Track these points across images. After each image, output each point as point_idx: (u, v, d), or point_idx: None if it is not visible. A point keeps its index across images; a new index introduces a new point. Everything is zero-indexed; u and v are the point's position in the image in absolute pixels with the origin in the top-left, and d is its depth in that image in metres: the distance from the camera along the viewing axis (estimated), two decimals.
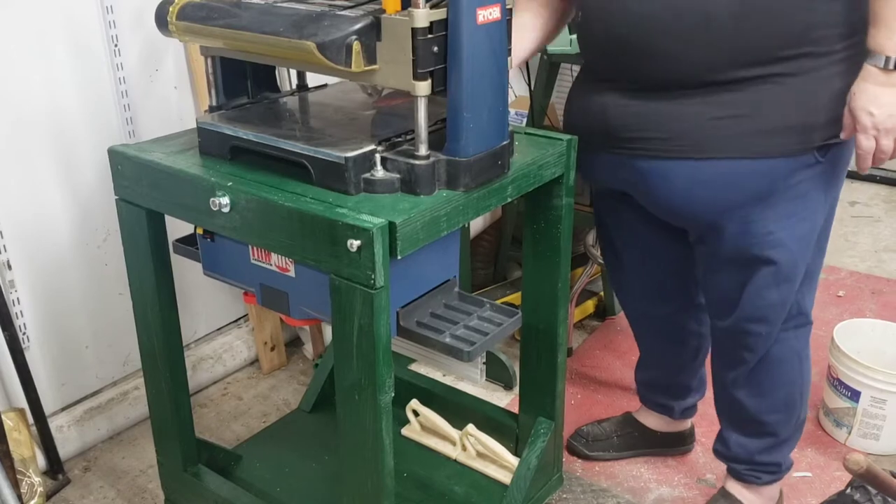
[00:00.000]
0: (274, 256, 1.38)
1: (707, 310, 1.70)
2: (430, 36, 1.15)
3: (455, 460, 1.84)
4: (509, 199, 1.38)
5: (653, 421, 2.01)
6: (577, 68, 2.77)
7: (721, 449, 1.80)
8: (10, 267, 1.86)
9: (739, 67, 1.35)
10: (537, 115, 2.67)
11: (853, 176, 3.43)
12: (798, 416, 1.71)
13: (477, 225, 2.87)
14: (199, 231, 1.48)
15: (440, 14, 1.16)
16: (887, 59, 1.30)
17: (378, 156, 1.26)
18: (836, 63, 1.37)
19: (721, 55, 1.35)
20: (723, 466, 1.85)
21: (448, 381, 2.17)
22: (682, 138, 1.42)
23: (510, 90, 1.58)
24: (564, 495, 1.90)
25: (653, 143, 1.45)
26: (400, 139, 1.31)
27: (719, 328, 1.66)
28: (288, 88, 1.66)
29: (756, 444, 1.73)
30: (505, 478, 1.75)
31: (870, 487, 1.29)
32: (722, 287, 1.60)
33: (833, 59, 1.37)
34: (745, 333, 1.60)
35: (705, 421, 2.08)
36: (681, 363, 1.90)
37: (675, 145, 1.43)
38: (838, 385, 2.04)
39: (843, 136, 1.40)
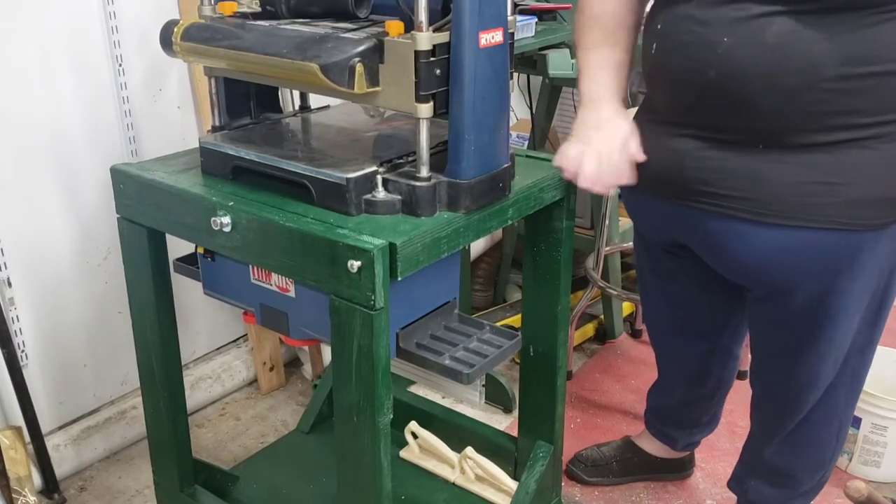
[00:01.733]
0: (274, 276, 1.38)
1: (753, 366, 1.63)
2: (432, 59, 1.16)
3: (453, 483, 1.83)
4: (510, 222, 1.38)
5: (653, 447, 2.00)
6: (577, 92, 2.81)
7: (736, 489, 1.77)
8: (9, 284, 1.86)
9: (840, 129, 1.24)
10: (539, 138, 2.69)
11: None
12: (825, 473, 1.67)
13: (477, 247, 2.87)
14: (200, 250, 1.49)
15: (443, 37, 1.16)
16: None
17: (379, 177, 1.26)
18: None
19: (823, 115, 1.23)
20: (725, 492, 1.83)
21: (447, 403, 2.16)
22: (769, 202, 1.30)
23: (512, 113, 1.58)
24: None
25: (735, 202, 1.34)
26: (401, 161, 1.31)
27: (765, 386, 1.62)
28: (290, 109, 1.67)
29: (775, 494, 1.70)
30: (503, 502, 1.74)
31: None
32: (777, 349, 1.53)
33: None
34: (792, 399, 1.55)
35: (705, 447, 2.07)
36: (696, 399, 1.87)
37: (759, 207, 1.32)
38: None
39: None
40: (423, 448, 1.90)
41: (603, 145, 1.38)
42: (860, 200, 1.28)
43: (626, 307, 2.73)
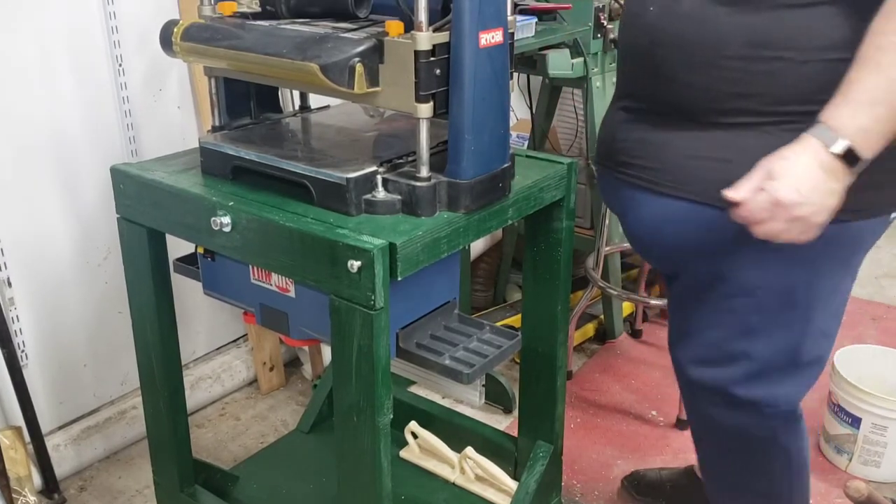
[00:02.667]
0: (274, 276, 1.38)
1: None
2: (432, 59, 1.16)
3: (453, 483, 1.83)
4: (510, 222, 1.38)
5: None
6: (577, 92, 2.81)
7: None
8: (10, 284, 1.86)
9: (742, 112, 1.25)
10: (538, 138, 2.69)
11: None
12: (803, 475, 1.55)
13: (477, 247, 2.87)
14: (200, 250, 1.49)
15: (443, 37, 1.16)
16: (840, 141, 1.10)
17: (379, 177, 1.26)
18: None
19: (727, 94, 1.24)
20: None
21: (447, 403, 2.16)
22: (664, 171, 1.33)
23: (512, 113, 1.58)
24: None
25: (642, 171, 1.37)
26: (401, 161, 1.31)
27: None
28: (290, 109, 1.67)
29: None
30: (503, 502, 1.74)
31: None
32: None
33: None
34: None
35: None
36: None
37: (656, 176, 1.34)
38: (839, 411, 2.03)
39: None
40: (423, 448, 1.90)
41: None
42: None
43: (626, 307, 2.73)
